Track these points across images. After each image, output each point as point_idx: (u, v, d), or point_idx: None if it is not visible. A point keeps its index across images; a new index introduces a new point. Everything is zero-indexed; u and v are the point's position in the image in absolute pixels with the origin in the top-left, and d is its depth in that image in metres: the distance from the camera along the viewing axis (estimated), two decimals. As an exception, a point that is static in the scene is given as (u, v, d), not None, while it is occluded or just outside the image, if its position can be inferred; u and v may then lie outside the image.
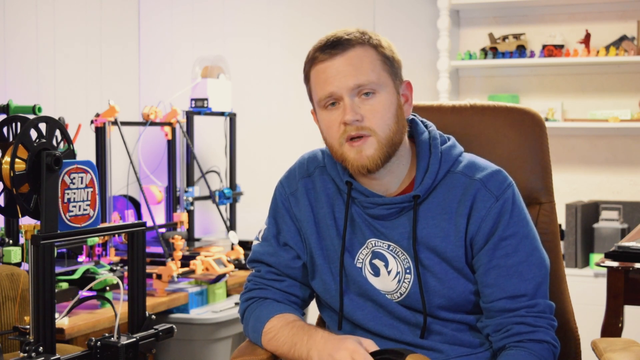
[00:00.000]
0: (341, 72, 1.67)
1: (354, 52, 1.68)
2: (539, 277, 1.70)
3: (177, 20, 4.70)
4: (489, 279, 1.69)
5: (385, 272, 1.73)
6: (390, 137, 1.68)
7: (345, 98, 1.67)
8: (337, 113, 1.68)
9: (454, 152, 1.76)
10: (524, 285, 1.68)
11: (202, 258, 3.51)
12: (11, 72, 3.80)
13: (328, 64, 1.68)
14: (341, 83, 1.66)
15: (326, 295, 1.79)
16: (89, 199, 1.78)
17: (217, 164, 4.30)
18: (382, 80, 1.69)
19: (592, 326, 2.61)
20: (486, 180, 1.71)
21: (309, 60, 1.73)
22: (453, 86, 4.27)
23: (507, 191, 1.71)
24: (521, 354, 1.64)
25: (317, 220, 1.79)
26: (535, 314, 1.68)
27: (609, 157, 4.16)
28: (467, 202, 1.70)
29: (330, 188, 1.80)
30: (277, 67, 4.53)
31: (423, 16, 4.31)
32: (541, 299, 1.70)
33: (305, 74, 1.75)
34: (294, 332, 1.72)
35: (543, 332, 1.68)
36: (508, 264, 1.68)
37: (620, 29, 4.08)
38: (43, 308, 1.67)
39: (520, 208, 1.73)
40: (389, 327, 1.74)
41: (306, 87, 1.77)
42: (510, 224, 1.70)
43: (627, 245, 2.32)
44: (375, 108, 1.67)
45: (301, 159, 1.87)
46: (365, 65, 1.67)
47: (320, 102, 1.71)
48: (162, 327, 1.92)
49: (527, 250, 1.70)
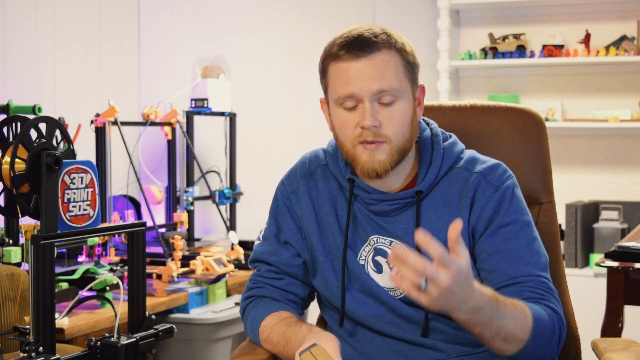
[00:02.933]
0: (365, 75, 1.65)
1: (380, 56, 1.66)
2: (541, 263, 1.69)
3: (177, 20, 4.70)
4: (490, 264, 1.69)
5: (388, 269, 1.74)
6: (403, 145, 1.69)
7: (366, 102, 1.65)
8: (355, 115, 1.67)
9: (456, 148, 1.77)
10: (527, 268, 1.67)
11: (202, 258, 3.51)
12: (11, 72, 3.80)
13: (352, 64, 1.66)
14: (364, 86, 1.65)
15: (328, 292, 1.79)
16: (89, 199, 1.78)
17: (217, 164, 4.30)
18: (403, 87, 1.68)
19: (592, 326, 2.61)
20: (486, 172, 1.73)
21: (330, 54, 1.70)
22: (453, 86, 4.27)
23: (506, 181, 1.73)
24: (535, 306, 1.62)
25: (319, 218, 1.80)
26: (545, 289, 1.67)
27: (609, 157, 4.15)
28: (468, 194, 1.71)
29: (333, 186, 1.80)
30: (277, 67, 4.53)
31: (423, 16, 4.32)
32: (548, 280, 1.69)
33: (323, 67, 1.73)
34: (285, 330, 1.73)
35: (554, 304, 1.66)
36: (509, 249, 1.68)
37: (620, 29, 4.08)
38: (43, 308, 1.67)
39: (520, 199, 1.74)
40: (391, 324, 1.74)
41: (321, 78, 1.75)
42: (509, 211, 1.70)
43: (627, 245, 2.32)
44: (394, 116, 1.67)
45: (303, 158, 1.88)
46: (389, 71, 1.66)
47: (338, 100, 1.69)
48: (162, 327, 1.92)
49: (528, 238, 1.70)
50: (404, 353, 1.73)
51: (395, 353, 1.73)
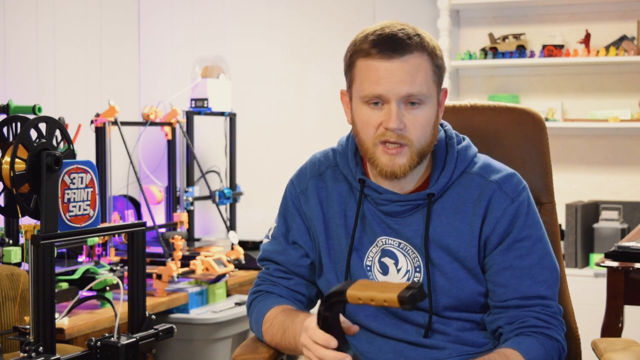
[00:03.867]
0: (396, 76, 1.63)
1: (412, 59, 1.63)
2: (551, 280, 1.70)
3: (177, 20, 4.70)
4: (501, 279, 1.69)
5: (395, 271, 1.73)
6: (424, 149, 1.68)
7: (393, 104, 1.64)
8: (380, 114, 1.65)
9: (470, 152, 1.76)
10: (537, 287, 1.69)
11: (202, 258, 3.51)
12: (11, 72, 3.80)
13: (383, 64, 1.63)
14: (393, 88, 1.63)
15: None
16: (89, 199, 1.78)
17: (217, 164, 4.30)
18: (431, 92, 1.67)
19: (592, 326, 2.61)
20: (502, 182, 1.72)
21: (360, 50, 1.66)
22: (453, 86, 4.27)
23: (522, 194, 1.72)
24: (534, 342, 1.64)
25: (327, 219, 1.79)
26: (550, 314, 1.69)
27: (609, 157, 4.15)
28: (482, 203, 1.70)
29: (343, 187, 1.79)
30: (277, 67, 4.53)
31: (423, 16, 4.31)
32: (554, 301, 1.71)
33: (350, 61, 1.69)
34: (284, 319, 1.73)
35: (556, 331, 1.68)
36: (522, 266, 1.69)
37: (620, 29, 4.08)
38: (43, 308, 1.67)
39: (535, 211, 1.74)
40: (393, 326, 1.74)
41: (347, 71, 1.71)
42: (525, 226, 1.70)
43: (627, 245, 2.32)
44: (419, 120, 1.65)
45: (313, 157, 1.86)
46: (420, 76, 1.64)
47: (364, 97, 1.67)
48: (162, 327, 1.92)
49: (540, 254, 1.70)
50: (404, 353, 1.72)
51: (396, 353, 1.73)
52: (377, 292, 1.32)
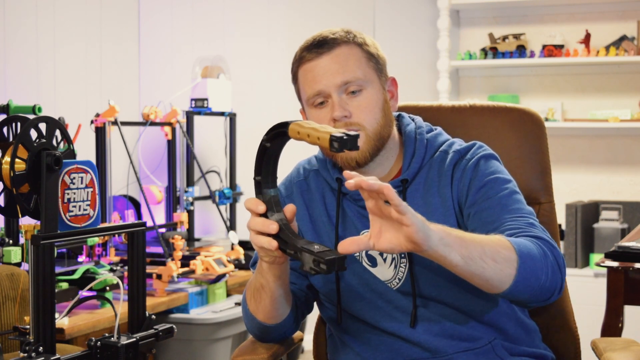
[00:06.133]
0: (328, 70, 1.72)
1: (339, 51, 1.72)
2: (525, 209, 1.67)
3: (177, 20, 4.70)
4: (473, 223, 1.67)
5: (382, 261, 1.75)
6: (379, 131, 1.72)
7: (334, 95, 1.71)
8: (326, 111, 1.73)
9: (440, 138, 1.80)
10: (509, 214, 1.65)
11: (202, 258, 3.51)
12: (11, 72, 3.80)
13: (315, 62, 1.73)
14: (329, 81, 1.71)
15: (324, 288, 1.81)
16: (89, 199, 1.78)
17: (217, 164, 4.30)
18: (368, 77, 1.73)
19: (592, 326, 2.61)
20: (463, 150, 1.76)
21: (296, 60, 1.79)
22: (453, 86, 4.27)
23: (481, 152, 1.74)
24: (536, 243, 1.58)
25: (313, 219, 1.83)
26: (525, 225, 1.63)
27: (609, 157, 4.15)
28: (447, 173, 1.74)
29: (324, 188, 1.84)
30: (277, 67, 4.53)
31: (423, 16, 4.32)
32: (530, 218, 1.66)
33: (293, 74, 1.83)
34: (256, 269, 1.72)
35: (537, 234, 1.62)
36: (489, 203, 1.67)
37: (620, 29, 4.08)
38: (43, 308, 1.67)
39: (497, 164, 1.74)
40: (387, 317, 1.75)
41: (294, 86, 1.83)
42: (485, 172, 1.71)
43: (627, 245, 2.32)
44: (363, 104, 1.71)
45: (297, 165, 1.94)
46: (351, 63, 1.72)
47: (309, 100, 1.76)
48: (162, 327, 1.92)
49: (509, 190, 1.69)
50: (400, 351, 1.73)
51: (393, 352, 1.74)
52: (316, 131, 1.37)
